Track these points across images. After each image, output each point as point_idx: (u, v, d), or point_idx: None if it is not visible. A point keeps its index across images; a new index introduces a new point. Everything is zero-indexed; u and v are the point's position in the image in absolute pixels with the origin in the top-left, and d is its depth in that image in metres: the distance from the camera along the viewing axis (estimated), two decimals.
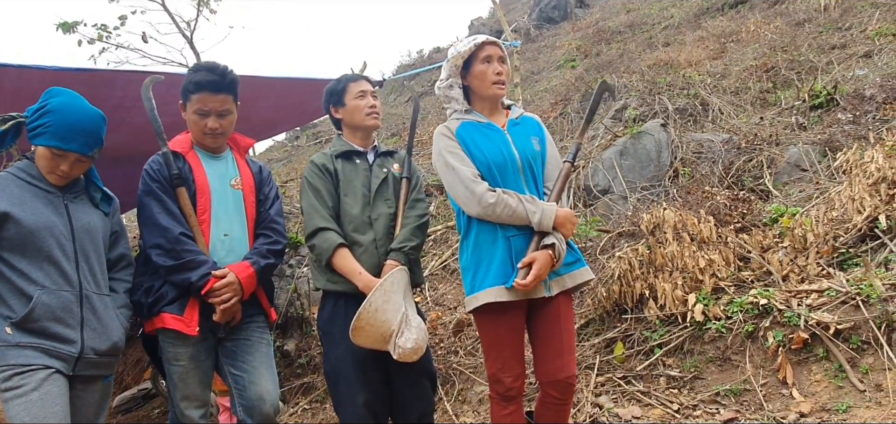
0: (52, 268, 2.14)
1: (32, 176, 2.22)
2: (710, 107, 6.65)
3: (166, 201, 2.42)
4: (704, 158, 5.51)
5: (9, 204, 2.11)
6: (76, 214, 2.26)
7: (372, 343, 2.41)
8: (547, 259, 2.24)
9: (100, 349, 2.21)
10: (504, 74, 2.42)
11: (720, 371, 3.45)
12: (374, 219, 2.61)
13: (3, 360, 2.04)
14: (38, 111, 2.19)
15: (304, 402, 4.69)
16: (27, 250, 2.12)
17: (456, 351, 4.36)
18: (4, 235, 2.10)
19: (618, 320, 3.97)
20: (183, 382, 2.42)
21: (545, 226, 2.26)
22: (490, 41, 2.43)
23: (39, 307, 2.08)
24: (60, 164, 2.18)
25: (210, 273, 2.35)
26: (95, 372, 2.24)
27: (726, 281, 3.76)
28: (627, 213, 4.82)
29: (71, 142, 2.16)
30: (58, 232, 2.18)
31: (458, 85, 2.49)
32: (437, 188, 7.00)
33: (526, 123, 2.50)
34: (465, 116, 2.47)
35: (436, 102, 11.89)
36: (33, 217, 2.13)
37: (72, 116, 2.18)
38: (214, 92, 2.46)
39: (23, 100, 3.07)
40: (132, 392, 6.37)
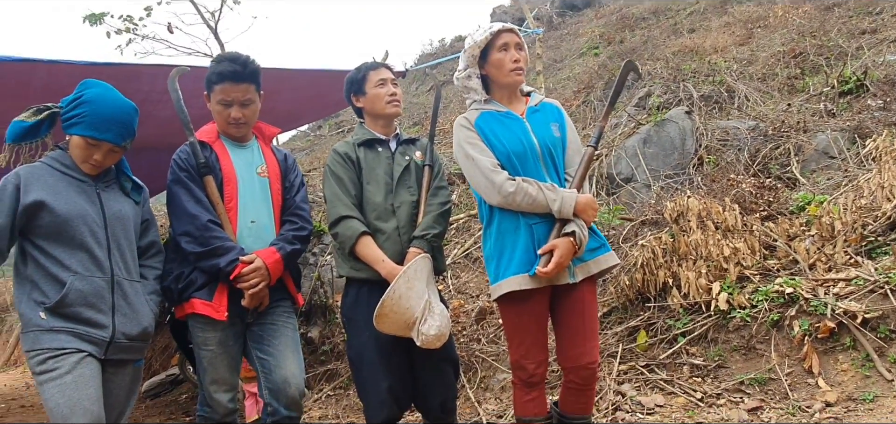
0: (84, 255, 2.19)
1: (66, 166, 2.27)
2: (736, 94, 6.56)
3: (194, 190, 2.46)
4: (730, 145, 5.44)
5: (44, 193, 2.16)
6: (108, 202, 2.31)
7: (395, 330, 2.43)
8: (568, 246, 2.24)
9: (130, 333, 2.26)
10: (522, 62, 2.42)
11: (744, 361, 3.43)
12: (397, 207, 2.63)
13: (37, 344, 2.10)
14: (73, 102, 2.24)
15: (328, 388, 4.76)
16: (61, 237, 2.17)
17: (478, 339, 4.39)
18: (39, 223, 2.15)
19: (641, 308, 3.96)
20: (212, 366, 2.47)
21: (565, 213, 2.26)
22: (507, 29, 2.43)
23: (72, 293, 2.13)
24: (94, 153, 2.24)
25: (238, 259, 2.39)
26: (126, 356, 2.29)
27: (751, 270, 3.72)
28: (650, 201, 4.79)
29: (105, 132, 2.22)
30: (90, 220, 2.23)
31: (477, 75, 2.48)
32: (459, 177, 7.01)
33: (545, 109, 2.49)
34: (484, 106, 2.47)
35: (458, 91, 11.88)
36: (67, 206, 2.19)
37: (107, 107, 2.23)
38: (236, 82, 2.50)
39: (52, 95, 3.14)
40: (160, 378, 6.52)
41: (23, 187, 2.15)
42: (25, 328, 2.14)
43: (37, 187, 2.16)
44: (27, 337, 2.13)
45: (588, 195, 2.35)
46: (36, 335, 2.11)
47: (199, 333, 2.47)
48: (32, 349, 2.11)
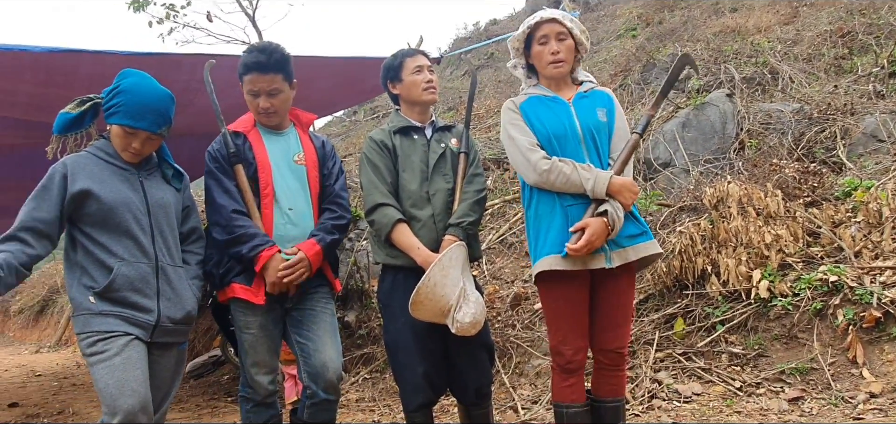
0: (130, 241, 2.25)
1: (110, 155, 2.33)
2: (780, 75, 6.37)
3: (223, 181, 2.53)
4: (773, 129, 5.30)
5: (89, 182, 2.22)
6: (151, 190, 2.37)
7: (431, 317, 2.46)
8: (600, 226, 2.23)
9: (175, 317, 2.33)
10: (563, 52, 2.40)
11: (786, 349, 3.37)
12: (432, 194, 2.64)
13: (87, 327, 2.19)
14: (111, 92, 2.31)
15: (364, 371, 4.84)
16: (107, 224, 2.23)
17: (513, 325, 4.40)
18: (86, 211, 2.21)
19: (678, 295, 3.91)
20: (253, 349, 2.54)
21: (598, 193, 2.26)
22: (547, 20, 2.41)
23: (119, 278, 2.21)
24: (132, 142, 2.30)
25: (261, 246, 2.45)
26: (171, 339, 2.37)
27: (794, 257, 3.64)
28: (689, 187, 4.70)
29: (141, 120, 2.28)
30: (134, 207, 2.28)
31: (523, 65, 2.55)
32: (494, 162, 7.00)
33: (595, 96, 2.48)
34: (533, 90, 2.52)
35: (493, 76, 11.83)
36: (112, 194, 2.25)
37: (142, 95, 2.29)
38: (262, 72, 2.54)
39: (98, 84, 3.25)
40: (203, 359, 6.72)
41: (70, 176, 2.22)
42: (76, 311, 2.23)
43: (83, 175, 2.23)
44: (78, 320, 2.22)
45: (626, 178, 2.33)
46: (86, 319, 2.19)
47: (240, 317, 2.54)
48: (83, 331, 2.20)
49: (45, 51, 3.44)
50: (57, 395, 6.65)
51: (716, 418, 3.07)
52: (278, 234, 2.56)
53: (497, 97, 9.79)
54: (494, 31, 15.39)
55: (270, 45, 2.61)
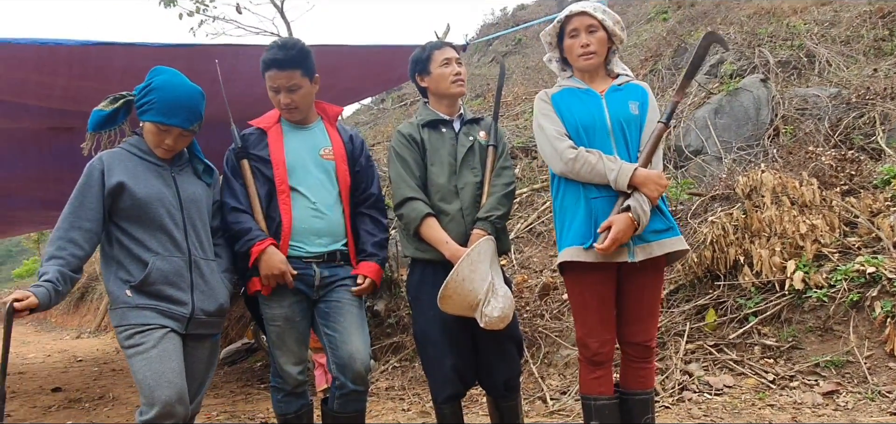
0: (164, 236, 2.30)
1: (143, 151, 2.38)
2: (816, 58, 6.19)
3: (230, 179, 2.61)
4: (809, 115, 5.17)
5: (124, 176, 2.27)
6: (183, 185, 2.42)
7: (459, 311, 2.47)
8: (625, 222, 2.22)
9: (208, 309, 2.39)
10: (593, 45, 2.39)
11: (820, 342, 3.31)
12: (461, 188, 2.65)
13: (125, 320, 2.26)
14: (144, 89, 2.36)
15: (394, 360, 4.90)
16: (142, 219, 2.28)
17: (542, 315, 4.40)
18: (121, 205, 2.27)
19: (709, 286, 3.86)
20: (280, 340, 2.60)
21: (621, 184, 2.25)
22: (577, 13, 2.40)
23: (155, 272, 2.25)
24: (165, 138, 2.36)
25: (252, 240, 2.50)
26: (205, 331, 2.43)
27: (830, 248, 3.56)
28: (721, 176, 4.62)
29: (173, 117, 2.33)
30: (168, 202, 2.33)
31: (556, 58, 2.56)
32: (523, 150, 6.97)
33: (628, 89, 2.47)
34: (566, 82, 2.52)
35: (520, 62, 11.74)
36: (146, 189, 2.30)
37: (174, 92, 2.35)
38: (281, 69, 2.57)
39: (130, 76, 3.32)
40: (236, 346, 6.87)
41: (106, 170, 2.27)
42: (113, 304, 2.30)
43: (118, 170, 2.29)
44: (115, 313, 2.29)
45: (652, 171, 2.30)
46: (123, 312, 2.26)
47: (266, 309, 2.59)
48: (120, 324, 2.27)
49: (79, 44, 3.52)
50: (97, 380, 6.87)
51: (748, 411, 3.04)
52: (304, 226, 2.59)
53: (525, 84, 9.72)
54: (522, 16, 15.25)
55: (289, 41, 2.65)
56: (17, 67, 3.50)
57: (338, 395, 2.59)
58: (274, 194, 2.59)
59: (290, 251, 2.57)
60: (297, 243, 2.59)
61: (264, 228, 2.56)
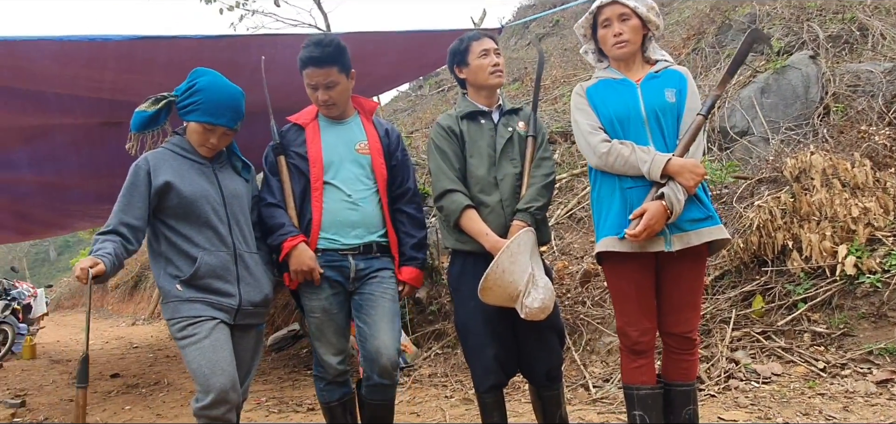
0: (210, 232, 2.39)
1: (186, 150, 2.47)
2: (869, 32, 5.93)
3: (268, 176, 2.71)
4: (862, 91, 4.97)
5: (171, 175, 2.36)
6: (225, 182, 2.50)
7: (500, 302, 2.49)
8: (658, 210, 2.21)
9: (254, 300, 2.49)
10: (626, 33, 2.37)
11: (874, 329, 3.21)
12: (500, 179, 2.65)
13: (177, 313, 2.36)
14: (187, 91, 2.44)
15: (436, 347, 4.95)
16: (188, 216, 2.37)
17: (583, 302, 4.38)
18: (168, 203, 2.36)
19: (756, 272, 3.78)
20: (319, 331, 2.68)
21: (653, 175, 2.24)
22: (607, 3, 2.38)
23: (203, 267, 2.35)
24: (210, 137, 2.45)
25: (283, 236, 2.59)
26: (251, 322, 2.53)
27: (884, 231, 3.44)
28: (768, 158, 4.49)
29: (220, 117, 2.42)
30: (212, 199, 2.42)
31: (592, 49, 2.56)
32: (562, 135, 6.90)
33: (666, 76, 2.43)
34: (602, 73, 2.52)
35: (559, 44, 11.58)
36: (191, 187, 2.38)
37: (219, 93, 2.43)
38: (318, 66, 2.63)
39: (174, 70, 3.42)
40: (283, 333, 7.04)
41: (152, 170, 2.36)
42: (165, 298, 2.40)
43: (164, 169, 2.37)
44: (167, 307, 2.40)
45: (687, 159, 2.27)
46: (175, 305, 2.36)
47: (306, 301, 2.68)
48: (173, 317, 2.37)
49: (125, 39, 3.64)
50: (152, 366, 7.15)
51: (797, 400, 2.98)
52: (338, 219, 2.65)
53: (563, 67, 9.60)
54: None
55: (325, 38, 2.69)
56: (69, 62, 3.65)
57: (366, 386, 2.67)
58: (308, 191, 2.66)
59: (325, 244, 2.64)
60: (332, 236, 2.65)
61: (296, 223, 2.64)
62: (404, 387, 4.42)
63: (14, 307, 9.42)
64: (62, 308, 20.77)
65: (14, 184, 6.23)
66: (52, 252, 39.52)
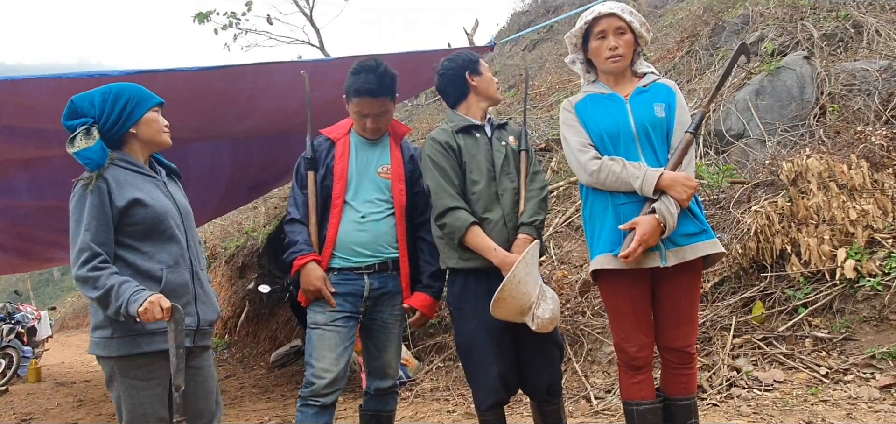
0: (175, 247, 2.24)
1: (135, 164, 2.26)
2: (864, 29, 5.92)
3: (295, 189, 2.78)
4: (858, 90, 4.95)
5: (136, 191, 2.18)
6: (176, 195, 2.36)
7: (510, 316, 2.50)
8: (650, 224, 2.20)
9: (210, 319, 2.35)
10: (621, 47, 2.35)
11: (876, 333, 3.19)
12: (501, 194, 2.67)
13: (132, 349, 2.12)
14: (112, 101, 2.19)
15: (437, 360, 4.94)
16: (153, 232, 2.19)
17: (583, 312, 4.36)
18: (131, 221, 2.16)
19: (756, 277, 3.77)
20: (319, 342, 2.66)
21: (646, 190, 2.23)
22: (605, 15, 2.36)
23: (167, 286, 2.17)
24: (162, 118, 2.32)
25: (297, 252, 2.65)
26: (205, 343, 2.36)
27: (883, 233, 3.43)
28: (765, 161, 4.48)
29: (155, 95, 2.32)
30: (174, 213, 2.28)
31: (580, 60, 2.53)
32: (557, 142, 6.90)
33: (654, 90, 2.42)
34: (590, 87, 2.50)
35: (553, 50, 11.59)
36: (159, 202, 2.22)
37: (134, 84, 2.29)
38: (374, 97, 2.66)
39: (171, 102, 3.42)
40: (285, 349, 7.04)
41: (114, 187, 2.14)
42: (112, 332, 2.14)
43: (128, 186, 2.18)
44: (111, 343, 2.14)
45: (679, 172, 2.26)
46: (127, 341, 2.13)
47: (311, 313, 2.71)
48: (124, 353, 2.13)
49: (123, 73, 3.65)
50: None
51: (800, 407, 2.97)
52: (349, 239, 2.69)
53: (558, 73, 9.60)
54: (552, 2, 15.02)
55: (380, 67, 2.67)
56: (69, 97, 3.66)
57: (368, 396, 2.85)
58: (329, 207, 2.70)
59: (339, 262, 2.69)
60: (344, 256, 2.69)
61: (316, 241, 2.68)
62: (406, 402, 4.40)
63: (18, 330, 9.43)
64: (67, 329, 20.77)
65: (14, 208, 6.25)
66: (56, 272, 39.56)
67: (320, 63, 5.78)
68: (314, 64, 5.13)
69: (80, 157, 2.11)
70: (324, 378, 2.61)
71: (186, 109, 4.16)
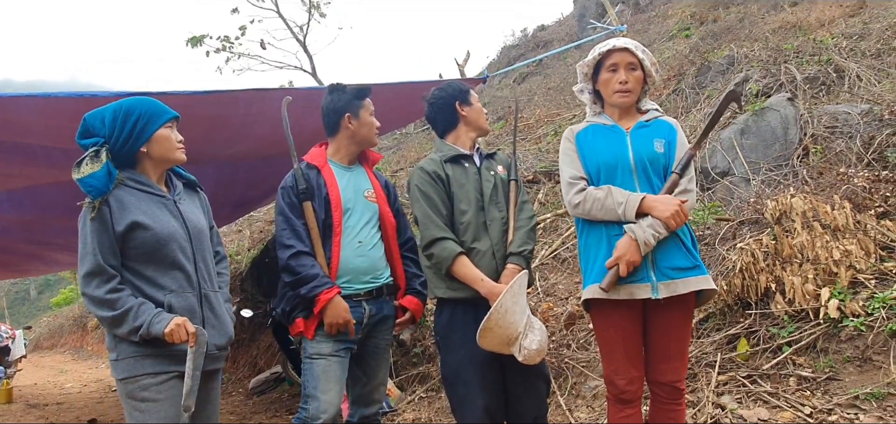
0: (178, 272, 2.20)
1: (143, 183, 2.22)
2: (846, 74, 6.06)
3: (292, 220, 2.65)
4: (840, 133, 5.04)
5: (138, 214, 2.14)
6: (188, 215, 2.31)
7: (496, 346, 2.48)
8: (627, 243, 2.23)
9: (220, 344, 2.32)
10: (631, 82, 2.38)
11: (860, 373, 3.20)
12: (489, 224, 2.67)
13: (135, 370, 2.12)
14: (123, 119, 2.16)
15: (420, 390, 4.87)
16: (155, 256, 2.15)
17: (568, 345, 4.34)
18: (133, 245, 2.13)
19: (741, 315, 3.77)
20: (325, 374, 2.61)
21: (628, 215, 2.26)
22: (619, 49, 2.40)
23: (171, 313, 2.14)
24: (176, 135, 2.28)
25: (320, 287, 2.56)
26: (216, 366, 2.35)
27: (866, 274, 3.46)
28: (750, 199, 4.53)
29: (171, 109, 2.25)
30: (180, 236, 2.23)
31: (589, 90, 2.56)
32: (545, 175, 6.94)
33: (656, 126, 2.45)
34: (594, 118, 2.53)
35: (542, 83, 11.72)
36: (159, 224, 2.17)
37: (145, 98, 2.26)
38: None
39: None
40: (265, 376, 6.91)
41: (115, 211, 2.12)
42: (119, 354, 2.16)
43: (130, 208, 2.14)
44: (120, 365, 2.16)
45: (663, 195, 2.28)
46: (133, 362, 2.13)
47: (312, 344, 2.64)
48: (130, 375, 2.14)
49: (111, 94, 3.63)
50: None
51: None
52: (351, 265, 2.69)
53: (547, 106, 9.71)
54: (542, 36, 15.26)
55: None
56: (56, 116, 3.63)
57: (356, 419, 2.83)
58: (329, 235, 2.67)
59: (341, 289, 2.65)
60: (346, 283, 2.68)
61: (327, 270, 2.63)
62: None
63: None
64: (41, 349, 20.31)
65: None
66: (32, 290, 38.79)
67: (314, 90, 5.79)
68: (308, 91, 5.14)
69: (83, 184, 2.08)
70: (328, 411, 2.57)
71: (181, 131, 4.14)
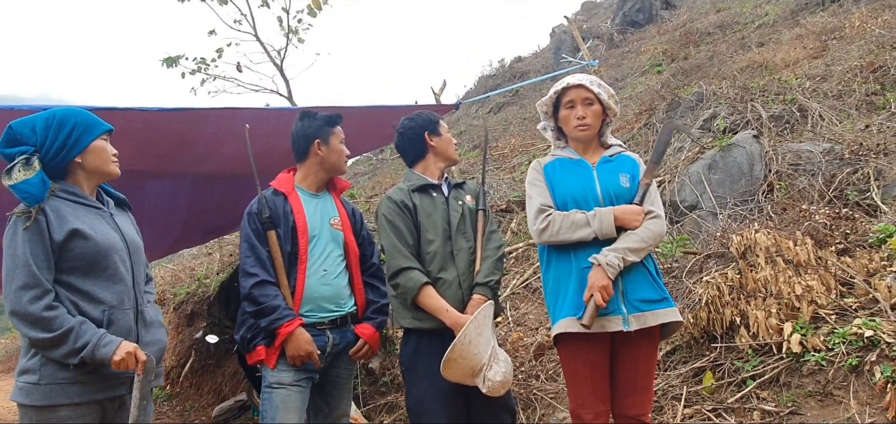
0: (119, 286, 2.09)
1: (79, 195, 2.11)
2: (809, 113, 6.25)
3: (257, 248, 2.59)
4: (803, 170, 5.18)
5: (77, 222, 2.03)
6: (124, 227, 2.21)
7: (460, 377, 2.45)
8: (595, 272, 2.25)
9: (156, 365, 2.17)
10: (589, 118, 2.43)
11: (821, 407, 3.24)
12: (456, 253, 2.66)
13: (57, 398, 1.96)
14: (56, 129, 2.04)
15: (388, 420, 4.80)
16: (95, 268, 2.04)
17: (537, 376, 4.33)
18: (71, 254, 2.01)
19: (706, 348, 3.81)
20: (284, 404, 2.56)
21: (606, 231, 2.30)
22: (574, 85, 2.45)
23: (111, 329, 2.03)
24: (110, 147, 2.17)
25: (281, 320, 2.50)
26: (151, 384, 2.18)
27: (826, 309, 3.52)
28: (716, 233, 4.60)
29: (104, 122, 2.14)
30: (120, 248, 2.13)
31: (551, 127, 2.61)
32: (519, 204, 6.97)
33: (620, 161, 2.50)
34: (560, 152, 2.57)
35: (517, 113, 11.85)
36: (103, 236, 2.07)
37: (78, 109, 2.14)
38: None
39: (127, 140, 3.33)
40: (230, 403, 6.74)
41: (53, 219, 1.99)
42: (41, 378, 1.99)
43: (68, 218, 2.02)
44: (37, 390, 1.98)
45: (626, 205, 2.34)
46: (56, 389, 1.97)
47: (273, 373, 2.58)
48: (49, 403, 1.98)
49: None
50: None
51: None
52: (315, 294, 2.64)
53: (522, 135, 9.81)
54: (519, 67, 15.47)
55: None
56: None
57: None
58: (295, 263, 2.62)
59: (304, 318, 2.60)
60: (309, 311, 2.63)
61: (290, 300, 2.58)
62: None
63: None
64: None
65: None
66: None
67: (285, 111, 5.77)
68: (280, 111, 5.12)
69: (17, 190, 1.96)
70: None
71: (145, 147, 4.06)
